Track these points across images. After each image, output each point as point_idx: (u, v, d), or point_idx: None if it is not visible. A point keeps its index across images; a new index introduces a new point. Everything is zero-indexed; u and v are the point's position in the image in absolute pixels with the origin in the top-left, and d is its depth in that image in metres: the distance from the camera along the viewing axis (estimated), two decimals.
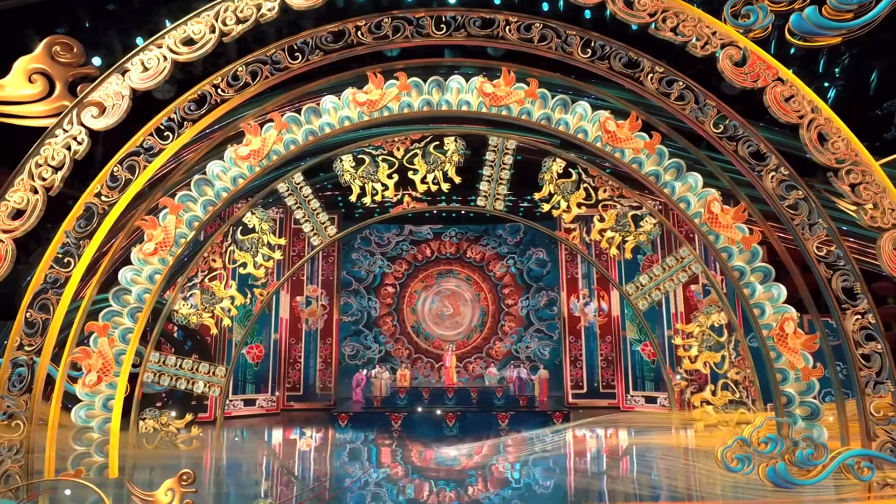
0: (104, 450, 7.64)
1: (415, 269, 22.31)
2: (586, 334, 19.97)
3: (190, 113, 7.89)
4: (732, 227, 7.83)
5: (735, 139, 7.66)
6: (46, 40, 7.37)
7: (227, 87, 7.92)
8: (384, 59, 8.90)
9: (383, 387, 19.40)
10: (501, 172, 9.45)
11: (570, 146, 9.17)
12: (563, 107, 8.44)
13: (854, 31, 6.93)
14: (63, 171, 7.41)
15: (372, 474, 11.38)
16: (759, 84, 7.27)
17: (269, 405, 18.53)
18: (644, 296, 9.75)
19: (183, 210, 8.37)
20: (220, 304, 9.50)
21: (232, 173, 8.50)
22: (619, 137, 8.25)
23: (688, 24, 7.40)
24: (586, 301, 20.01)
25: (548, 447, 14.45)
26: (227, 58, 8.90)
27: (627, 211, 9.28)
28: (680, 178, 8.15)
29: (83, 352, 7.82)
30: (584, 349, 19.89)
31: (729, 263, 7.79)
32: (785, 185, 7.51)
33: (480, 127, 9.39)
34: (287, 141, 8.51)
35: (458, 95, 8.46)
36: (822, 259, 7.28)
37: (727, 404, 9.48)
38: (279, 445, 14.94)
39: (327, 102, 8.51)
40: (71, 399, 7.76)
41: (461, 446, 14.04)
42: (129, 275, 8.13)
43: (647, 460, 12.16)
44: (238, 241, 9.62)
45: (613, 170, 9.23)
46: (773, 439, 6.89)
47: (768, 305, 7.61)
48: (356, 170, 9.33)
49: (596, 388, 19.50)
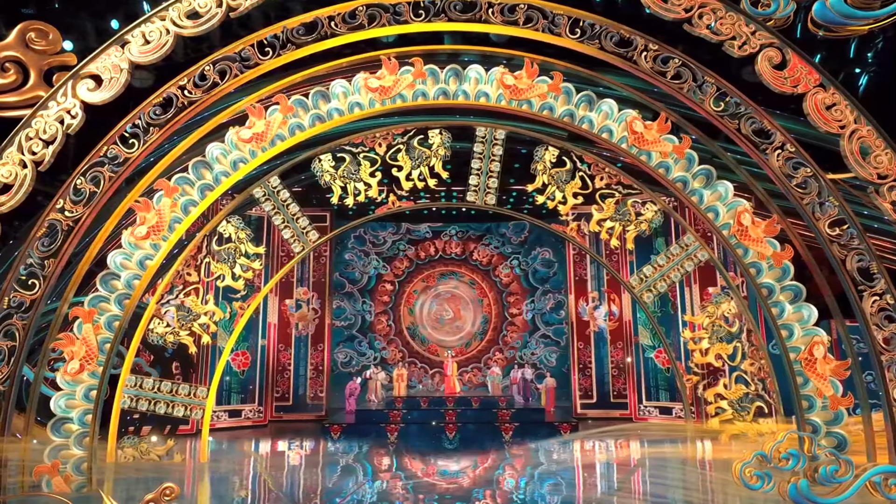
0: (83, 442, 7.71)
1: (412, 271, 22.37)
2: (596, 340, 20.00)
3: (156, 118, 7.90)
4: (763, 241, 7.83)
5: (737, 117, 7.71)
6: (20, 26, 7.42)
7: (194, 87, 7.95)
8: (379, 45, 8.97)
9: (378, 389, 19.46)
10: (491, 164, 9.49)
11: (579, 139, 9.24)
12: (588, 104, 8.45)
13: (883, 20, 6.97)
14: (55, 146, 7.46)
15: (366, 491, 11.44)
16: (800, 90, 7.29)
17: (256, 416, 18.56)
18: (649, 288, 9.79)
19: (179, 193, 8.39)
20: (198, 321, 9.49)
21: (232, 157, 8.51)
22: (647, 139, 8.27)
23: (725, 22, 7.43)
24: (596, 304, 20.03)
25: (555, 461, 14.49)
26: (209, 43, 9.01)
27: (627, 198, 9.30)
28: (709, 185, 8.14)
29: (66, 338, 7.86)
30: (594, 356, 19.92)
31: (757, 280, 7.80)
32: (792, 162, 7.56)
33: (467, 117, 9.43)
34: (292, 125, 8.53)
35: (476, 86, 8.50)
36: (835, 239, 7.33)
37: (742, 398, 9.51)
38: (266, 459, 14.98)
39: (337, 87, 8.51)
40: (46, 413, 7.82)
41: (463, 460, 14.09)
42: (118, 259, 8.16)
43: (660, 475, 12.21)
44: (214, 252, 9.62)
45: (624, 164, 9.30)
46: (795, 455, 6.94)
47: (797, 327, 7.62)
48: (336, 169, 9.34)
49: (606, 397, 19.55)
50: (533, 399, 19.18)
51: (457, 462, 13.94)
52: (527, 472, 13.29)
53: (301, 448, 15.90)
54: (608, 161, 9.39)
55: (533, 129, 9.33)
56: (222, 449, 15.05)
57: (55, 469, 7.52)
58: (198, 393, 9.32)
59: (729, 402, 9.60)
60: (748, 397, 9.43)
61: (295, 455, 15.36)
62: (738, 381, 9.41)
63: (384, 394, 19.44)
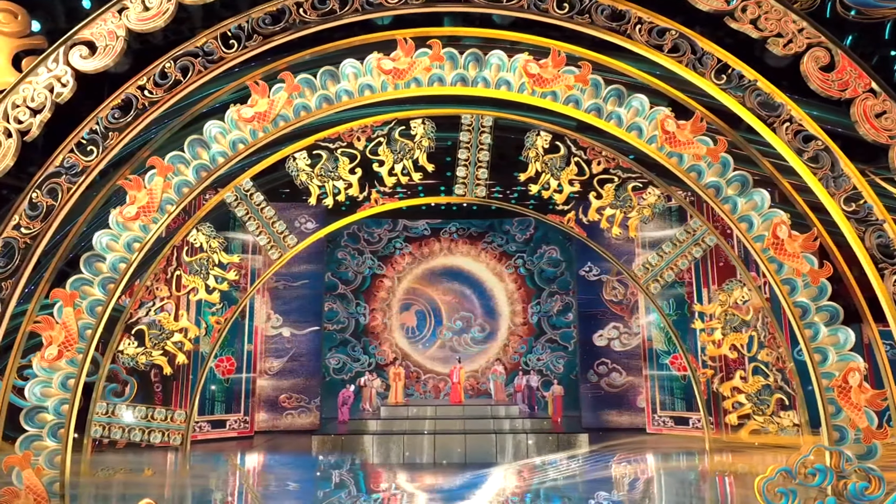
0: (58, 434, 7.66)
1: (410, 270, 22.30)
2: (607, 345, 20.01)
3: (114, 122, 7.83)
4: (799, 256, 7.70)
5: (741, 89, 7.68)
6: None
7: (154, 87, 7.89)
8: (373, 28, 8.91)
9: (374, 397, 19.40)
10: (479, 154, 9.43)
11: (588, 130, 9.19)
12: (618, 98, 8.36)
13: None
14: (42, 115, 7.41)
15: None
16: (848, 94, 7.21)
17: (241, 427, 18.54)
18: (655, 277, 9.73)
19: (172, 173, 8.32)
20: (171, 340, 9.39)
21: (232, 136, 8.44)
22: (679, 140, 8.16)
23: (771, 18, 7.37)
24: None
25: (563, 475, 14.44)
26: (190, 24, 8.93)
27: (627, 183, 9.22)
28: (744, 193, 8.01)
29: (45, 321, 7.80)
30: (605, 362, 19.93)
31: (791, 298, 7.68)
32: (802, 135, 7.51)
33: (450, 105, 9.39)
34: (298, 106, 8.45)
35: (497, 73, 8.41)
36: (852, 215, 7.28)
37: (761, 391, 9.47)
38: (252, 473, 14.94)
39: (347, 67, 8.43)
40: (15, 428, 7.77)
41: (465, 474, 14.04)
42: (104, 239, 8.10)
43: (676, 490, 12.18)
44: (185, 264, 9.51)
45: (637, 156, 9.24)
46: (822, 470, 6.88)
47: (832, 351, 7.51)
48: (313, 168, 9.28)
49: (618, 407, 19.52)
50: (539, 408, 19.13)
51: (461, 476, 13.89)
52: (532, 487, 13.25)
53: (290, 465, 15.82)
54: (620, 152, 9.34)
55: (522, 114, 9.24)
56: (205, 462, 15.02)
57: (27, 461, 7.44)
58: (175, 417, 9.28)
59: (747, 395, 9.53)
60: (767, 389, 9.37)
61: (282, 469, 15.29)
62: (756, 373, 9.33)
63: (379, 402, 19.40)
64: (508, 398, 19.68)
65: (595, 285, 20.26)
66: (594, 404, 19.79)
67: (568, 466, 14.96)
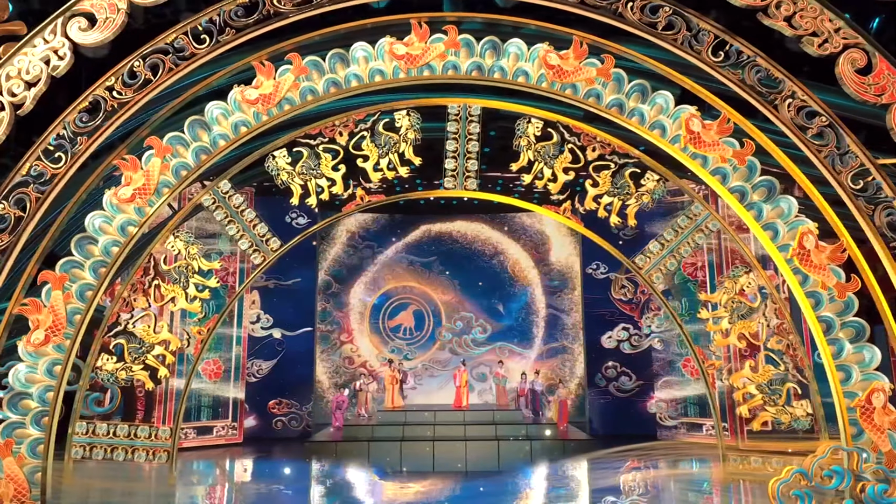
0: (42, 422, 7.76)
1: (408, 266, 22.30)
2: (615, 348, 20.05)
3: (83, 126, 7.89)
4: (826, 268, 7.72)
5: (739, 66, 7.74)
6: None
7: (123, 87, 7.94)
8: (370, 13, 8.97)
9: (369, 402, 19.42)
10: (468, 144, 9.47)
11: (596, 120, 9.23)
12: (641, 94, 8.41)
13: None
14: (37, 89, 7.50)
15: None
16: (885, 99, 7.26)
17: (229, 434, 18.56)
18: (657, 267, 9.75)
19: (171, 154, 8.37)
20: (151, 353, 9.40)
21: (234, 119, 8.48)
22: (704, 141, 8.18)
23: (806, 16, 7.44)
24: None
25: (570, 484, 14.52)
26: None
27: (624, 169, 9.25)
28: (770, 199, 8.04)
29: (32, 303, 7.86)
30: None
31: (816, 312, 7.70)
32: (805, 111, 7.59)
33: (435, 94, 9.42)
34: (304, 90, 8.50)
35: (515, 63, 8.45)
36: (860, 193, 7.34)
37: (772, 380, 9.52)
38: (240, 484, 14.98)
39: (358, 50, 8.49)
40: None
41: (466, 482, 14.09)
42: (97, 221, 8.17)
43: (686, 499, 12.24)
44: (163, 273, 9.52)
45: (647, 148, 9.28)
46: (839, 472, 6.96)
47: (856, 370, 7.55)
48: (293, 166, 9.29)
49: (628, 412, 19.58)
50: (543, 413, 19.18)
51: (462, 485, 13.94)
52: (538, 497, 13.30)
53: (281, 474, 15.85)
54: (631, 144, 9.38)
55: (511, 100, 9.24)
56: (192, 470, 15.08)
57: (8, 448, 7.51)
58: (159, 433, 9.31)
59: (758, 385, 9.57)
60: (779, 378, 9.41)
61: (273, 479, 15.33)
62: (767, 362, 9.36)
63: (375, 406, 19.44)
64: (510, 402, 19.74)
65: (603, 284, 20.28)
66: (602, 409, 19.83)
67: (575, 473, 15.02)
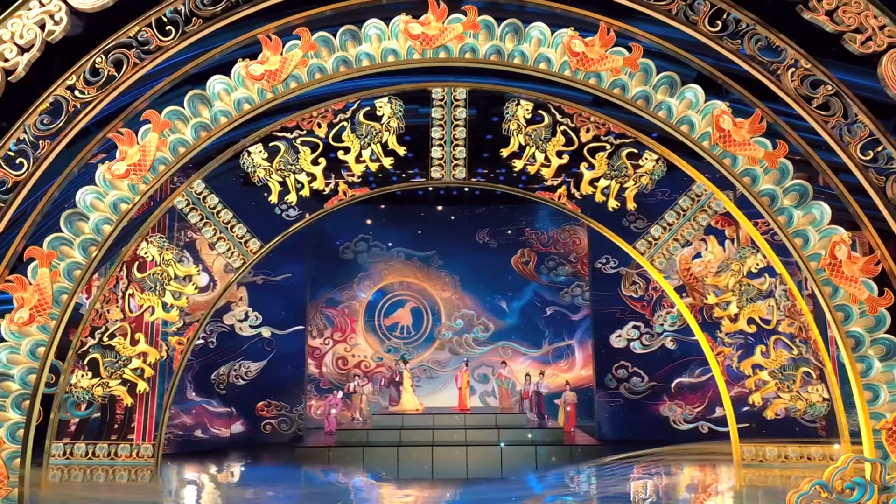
0: (23, 406, 7.75)
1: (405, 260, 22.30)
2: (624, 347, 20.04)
3: (44, 128, 7.83)
4: (858, 280, 7.65)
5: (738, 35, 7.67)
6: None
7: (85, 85, 7.88)
8: None
9: (365, 405, 19.40)
10: (455, 130, 9.45)
11: (605, 104, 9.19)
12: (670, 87, 8.33)
13: None
14: (31, 54, 7.47)
15: None
16: None
17: (213, 437, 18.59)
18: (660, 251, 9.70)
19: (169, 129, 8.34)
20: (128, 367, 9.34)
21: (237, 95, 8.43)
22: (735, 140, 8.11)
23: (850, 11, 7.30)
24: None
25: (578, 490, 14.54)
26: None
27: (620, 150, 9.22)
28: (802, 205, 7.96)
29: (17, 281, 7.85)
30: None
31: (844, 327, 7.64)
32: (809, 81, 7.51)
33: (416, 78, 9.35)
34: (312, 67, 8.44)
35: (537, 48, 8.37)
36: (870, 164, 7.28)
37: (785, 365, 9.50)
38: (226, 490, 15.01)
39: (371, 28, 8.42)
40: None
41: (467, 490, 14.11)
42: (88, 197, 8.15)
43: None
44: (136, 281, 9.46)
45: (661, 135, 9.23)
46: (862, 484, 6.89)
47: (884, 390, 7.48)
48: (271, 161, 9.24)
49: (639, 415, 19.61)
50: (550, 416, 19.19)
51: (463, 492, 13.95)
52: None
53: (269, 481, 15.86)
54: (641, 131, 9.34)
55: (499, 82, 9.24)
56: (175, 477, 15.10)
57: None
58: (141, 451, 9.27)
59: (770, 372, 9.55)
60: (792, 363, 9.39)
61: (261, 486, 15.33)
62: (778, 347, 9.34)
63: (370, 410, 19.44)
64: (514, 404, 19.73)
65: (612, 280, 20.26)
66: (612, 412, 19.83)
67: (584, 479, 15.04)
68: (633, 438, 18.26)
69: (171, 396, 10.34)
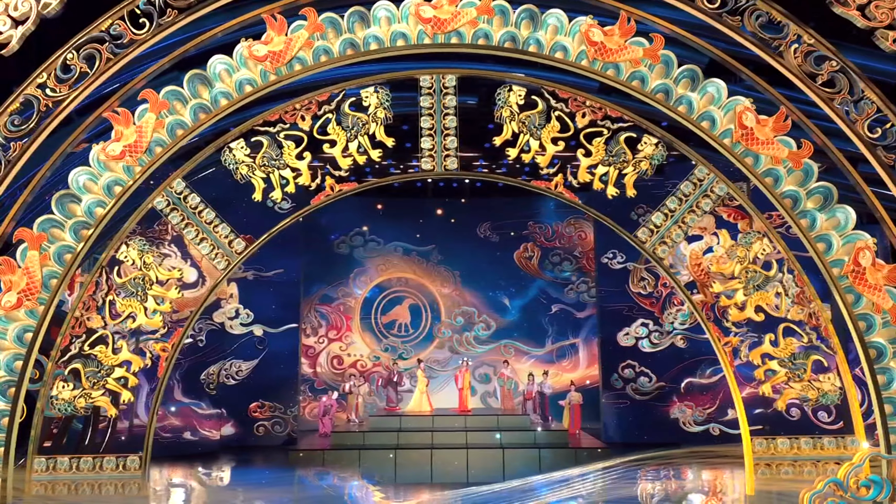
0: (7, 393, 7.73)
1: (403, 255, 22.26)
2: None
3: (15, 129, 7.75)
4: (882, 289, 7.60)
5: (738, 11, 7.60)
6: None
7: (57, 83, 7.79)
8: None
9: (360, 406, 19.38)
10: (445, 119, 9.39)
11: (613, 92, 9.12)
12: (692, 80, 8.27)
13: None
14: (25, 27, 7.45)
15: None
16: None
17: (203, 440, 18.53)
18: (662, 239, 9.63)
19: (167, 110, 8.26)
20: (111, 376, 9.23)
21: (239, 76, 8.37)
22: (758, 138, 8.05)
23: (882, 6, 7.24)
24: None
25: (582, 494, 14.51)
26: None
27: (618, 134, 9.17)
28: (826, 208, 7.89)
29: (6, 263, 7.80)
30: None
31: (866, 337, 7.61)
32: (813, 57, 7.44)
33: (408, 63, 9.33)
34: (318, 49, 8.37)
35: (554, 36, 8.31)
36: (877, 142, 7.21)
37: (795, 354, 9.44)
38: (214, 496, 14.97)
39: (380, 10, 8.35)
40: None
41: (469, 493, 14.09)
42: (81, 178, 8.10)
43: None
44: (116, 287, 9.35)
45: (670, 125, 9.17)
46: (878, 482, 6.87)
47: None
48: (253, 158, 9.12)
49: (646, 417, 19.58)
50: (554, 418, 19.17)
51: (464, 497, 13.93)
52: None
53: (262, 484, 15.84)
54: (652, 122, 9.26)
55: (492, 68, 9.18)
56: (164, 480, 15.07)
57: None
58: (128, 464, 9.16)
59: (780, 361, 9.50)
60: (802, 351, 9.35)
61: (254, 490, 15.31)
62: (787, 335, 9.29)
63: (366, 411, 19.41)
64: (517, 405, 19.67)
65: (619, 275, 20.18)
66: (618, 414, 19.77)
67: (588, 483, 14.99)
68: (640, 441, 18.22)
69: (157, 405, 10.22)
